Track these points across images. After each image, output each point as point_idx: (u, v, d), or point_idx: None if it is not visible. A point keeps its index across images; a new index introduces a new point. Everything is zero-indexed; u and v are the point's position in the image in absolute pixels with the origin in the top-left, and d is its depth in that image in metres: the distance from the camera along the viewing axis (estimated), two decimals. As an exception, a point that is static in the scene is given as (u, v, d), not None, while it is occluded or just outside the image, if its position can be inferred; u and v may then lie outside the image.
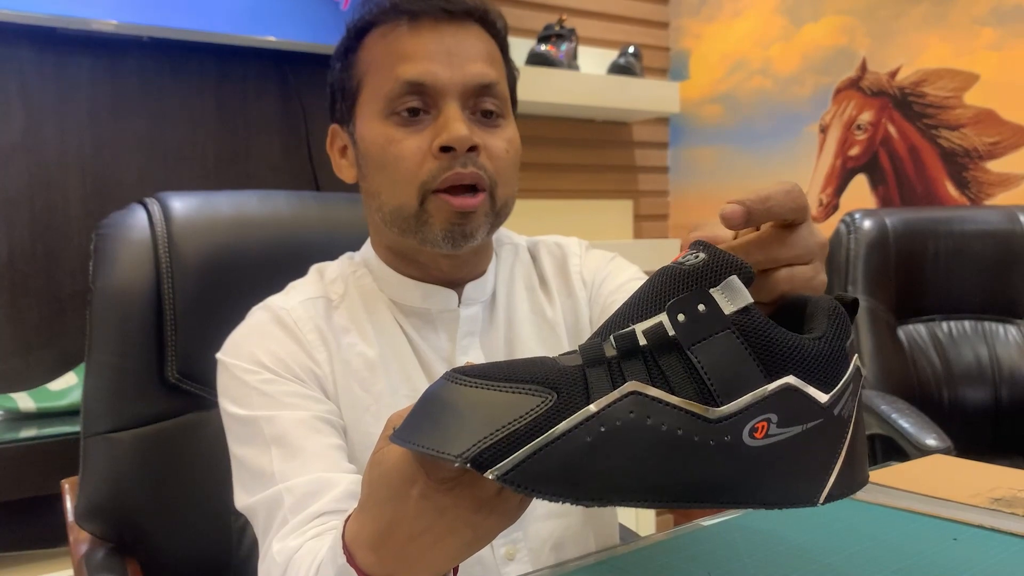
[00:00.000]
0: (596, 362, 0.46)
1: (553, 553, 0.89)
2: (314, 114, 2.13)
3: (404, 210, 0.84)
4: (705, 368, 0.45)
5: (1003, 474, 0.93)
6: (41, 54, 1.82)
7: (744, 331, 0.46)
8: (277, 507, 0.76)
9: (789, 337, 0.47)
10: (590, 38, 2.71)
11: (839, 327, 0.49)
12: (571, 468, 0.44)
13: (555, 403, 0.45)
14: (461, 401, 0.45)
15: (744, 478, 0.46)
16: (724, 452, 0.45)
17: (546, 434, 0.44)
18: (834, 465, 0.49)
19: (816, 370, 0.47)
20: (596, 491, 0.44)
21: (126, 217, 1.07)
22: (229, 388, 0.85)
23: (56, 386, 1.70)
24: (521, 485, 0.43)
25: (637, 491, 0.45)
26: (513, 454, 0.43)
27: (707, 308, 0.46)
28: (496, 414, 0.44)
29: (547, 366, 0.47)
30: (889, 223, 1.99)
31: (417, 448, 0.45)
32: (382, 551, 0.54)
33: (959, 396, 1.97)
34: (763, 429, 0.45)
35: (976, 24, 2.18)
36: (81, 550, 1.04)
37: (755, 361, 0.46)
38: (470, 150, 0.82)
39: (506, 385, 0.45)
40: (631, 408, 0.44)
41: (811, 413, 0.47)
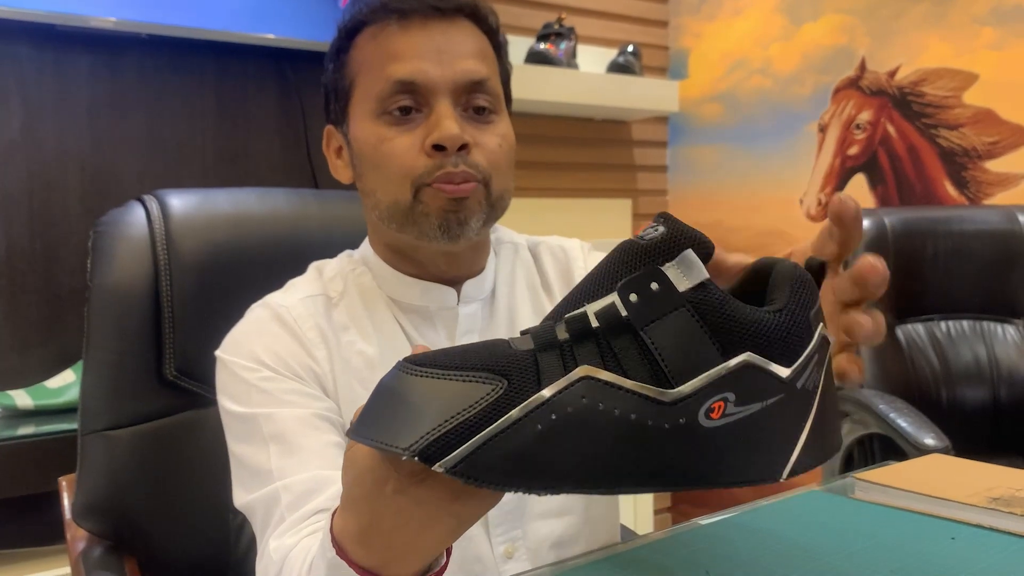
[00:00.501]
0: (548, 346, 0.45)
1: (552, 552, 0.89)
2: (313, 112, 2.13)
3: (399, 205, 0.84)
4: (659, 349, 0.44)
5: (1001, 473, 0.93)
6: (40, 51, 1.81)
7: (699, 308, 0.44)
8: (275, 505, 0.76)
9: (747, 312, 0.45)
10: (589, 36, 2.71)
11: (802, 296, 0.47)
12: (521, 458, 0.43)
13: (505, 390, 0.43)
14: (412, 392, 0.44)
15: (702, 460, 0.45)
16: (680, 435, 0.44)
17: (495, 424, 0.42)
18: (798, 439, 0.47)
19: (776, 345, 0.45)
20: (548, 480, 0.43)
21: (124, 214, 1.07)
22: (228, 385, 0.85)
23: (54, 383, 1.70)
24: (470, 477, 0.42)
25: (591, 479, 0.44)
26: (461, 446, 0.42)
27: (660, 286, 0.44)
28: (446, 404, 0.43)
29: (499, 351, 0.45)
30: (888, 222, 1.99)
31: (369, 442, 0.44)
32: (369, 544, 0.54)
33: (958, 396, 1.97)
34: (720, 409, 0.44)
35: (976, 24, 2.18)
36: (78, 548, 1.04)
37: (711, 339, 0.44)
38: (461, 148, 0.82)
39: (456, 373, 0.44)
40: (583, 393, 0.43)
41: (771, 389, 0.45)
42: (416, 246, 0.87)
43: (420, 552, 0.54)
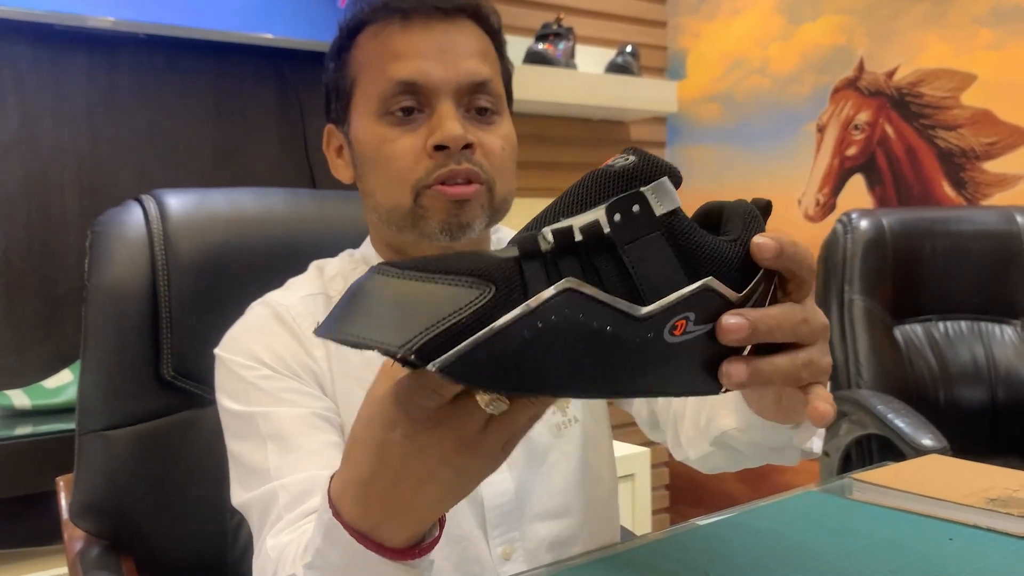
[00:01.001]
0: (531, 255, 0.47)
1: (550, 553, 0.89)
2: (311, 112, 2.13)
3: (399, 209, 0.83)
4: (635, 268, 0.47)
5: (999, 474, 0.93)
6: (37, 50, 1.81)
7: (672, 233, 0.48)
8: (272, 504, 0.76)
9: (710, 240, 0.49)
10: (588, 37, 2.71)
11: (753, 230, 0.52)
12: (510, 361, 0.44)
13: (494, 296, 0.44)
14: (396, 292, 0.44)
15: (659, 371, 0.49)
16: (646, 348, 0.47)
17: (487, 328, 0.43)
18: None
19: (731, 271, 0.50)
20: (532, 383, 0.45)
21: (122, 214, 1.07)
22: (226, 383, 0.85)
23: (51, 383, 1.70)
24: (462, 377, 0.43)
25: (568, 384, 0.47)
26: (455, 347, 0.43)
27: (640, 209, 0.48)
28: (436, 305, 0.43)
29: (483, 258, 0.46)
30: (886, 223, 1.99)
31: (348, 339, 0.44)
32: (366, 502, 0.55)
33: (955, 396, 1.97)
34: (682, 327, 0.48)
35: (975, 24, 2.18)
36: (76, 547, 1.04)
37: (679, 262, 0.48)
38: (464, 148, 0.82)
39: (442, 277, 0.44)
40: (566, 305, 0.45)
41: (723, 310, 0.50)
42: (416, 246, 0.87)
43: (415, 512, 0.55)
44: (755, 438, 0.78)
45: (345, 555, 0.57)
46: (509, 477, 0.88)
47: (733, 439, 0.81)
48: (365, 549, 0.55)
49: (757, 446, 0.79)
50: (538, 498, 0.89)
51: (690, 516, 0.86)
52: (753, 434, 0.77)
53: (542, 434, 0.91)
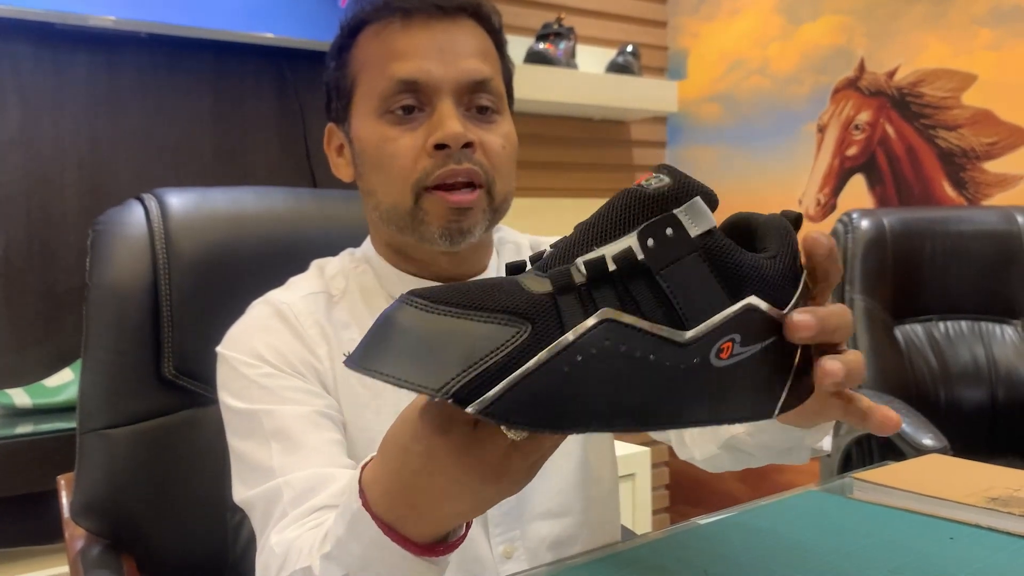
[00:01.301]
0: (566, 289, 0.46)
1: (551, 552, 0.89)
2: (311, 111, 2.13)
3: (399, 208, 0.84)
4: (674, 292, 0.46)
5: (999, 474, 0.93)
6: (38, 50, 1.81)
7: (709, 254, 0.47)
8: (276, 500, 0.76)
9: (749, 258, 0.48)
10: (588, 37, 2.71)
11: (790, 245, 0.50)
12: (550, 398, 0.43)
13: (531, 334, 0.44)
14: (428, 328, 0.44)
15: (711, 397, 0.47)
16: (694, 374, 0.46)
17: (525, 366, 0.43)
18: (787, 379, 0.51)
19: (773, 289, 0.48)
20: (574, 419, 0.44)
21: (123, 213, 1.07)
22: (229, 381, 0.85)
23: (52, 382, 1.70)
24: (502, 418, 0.43)
25: (613, 416, 0.45)
26: (493, 388, 0.42)
27: (675, 232, 0.46)
28: (472, 345, 0.43)
29: (516, 294, 0.45)
30: (886, 223, 1.99)
31: (381, 376, 0.43)
32: (393, 497, 0.55)
33: (956, 396, 1.97)
34: (728, 349, 0.47)
35: (975, 24, 2.18)
36: (77, 546, 1.04)
37: (720, 283, 0.47)
38: (465, 147, 0.82)
39: (476, 314, 0.44)
40: (606, 336, 0.44)
41: (769, 330, 0.48)
42: (416, 246, 0.87)
43: (439, 518, 0.55)
44: (765, 440, 0.78)
45: (369, 547, 0.57)
46: (510, 476, 0.88)
47: (742, 442, 0.81)
48: (390, 541, 0.56)
49: (767, 448, 0.79)
50: (539, 497, 0.89)
51: (690, 516, 0.86)
52: (763, 436, 0.77)
53: (543, 434, 0.91)
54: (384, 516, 0.56)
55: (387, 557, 0.56)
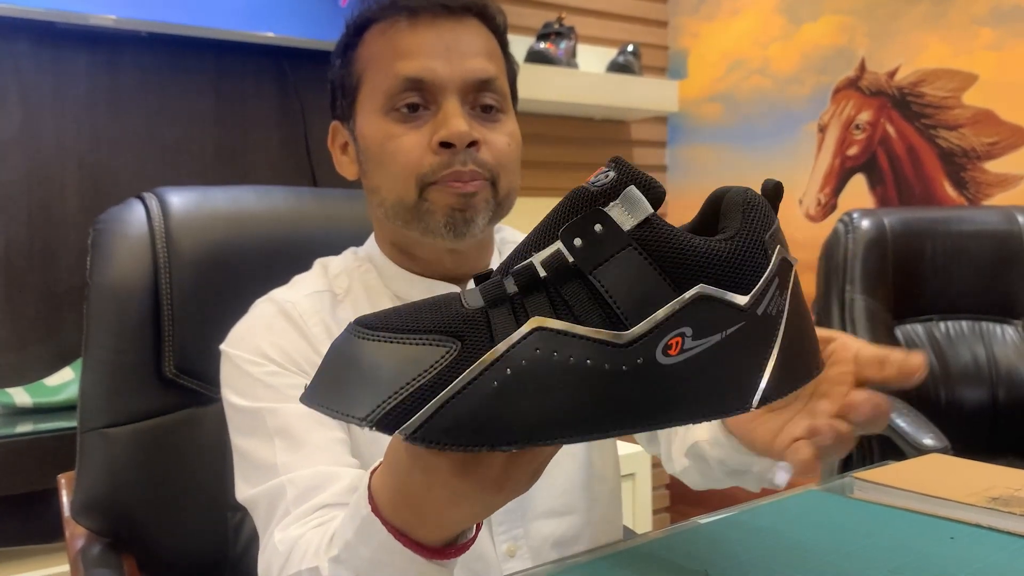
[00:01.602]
0: (498, 301, 0.45)
1: (554, 551, 0.89)
2: (312, 110, 2.13)
3: (404, 202, 0.84)
4: (609, 291, 0.43)
5: (1000, 473, 0.93)
6: (39, 48, 1.81)
7: (646, 245, 0.44)
8: (279, 498, 0.76)
9: (696, 243, 0.44)
10: (589, 36, 2.71)
11: (753, 221, 0.46)
12: (481, 416, 0.42)
13: (459, 352, 0.43)
14: (364, 356, 0.44)
15: (666, 398, 0.44)
16: (638, 376, 0.43)
17: (451, 386, 0.42)
18: (764, 366, 0.46)
19: (730, 273, 0.45)
20: (510, 435, 0.43)
21: (123, 212, 1.07)
22: (233, 379, 0.85)
23: (52, 381, 1.70)
24: (431, 441, 0.42)
25: (554, 428, 0.43)
26: (418, 412, 0.42)
27: (604, 228, 0.44)
28: (399, 370, 0.43)
29: (451, 311, 0.45)
30: (887, 223, 1.99)
31: (324, 410, 0.44)
32: (400, 505, 0.56)
33: (956, 396, 1.97)
34: (677, 345, 0.43)
35: (975, 24, 2.18)
36: (77, 545, 1.04)
37: (661, 275, 0.43)
38: (470, 145, 0.82)
39: (409, 337, 0.43)
40: (536, 345, 0.42)
41: (730, 319, 0.45)
42: (421, 243, 0.87)
43: (446, 522, 0.56)
44: (720, 455, 0.77)
45: (378, 551, 0.57)
46: (512, 475, 0.88)
47: (703, 451, 0.80)
48: (401, 546, 0.56)
49: (723, 464, 0.78)
50: (542, 496, 0.90)
51: (690, 515, 0.85)
52: (719, 450, 0.76)
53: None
54: (392, 521, 0.56)
55: (397, 561, 0.57)
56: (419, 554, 0.56)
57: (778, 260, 0.47)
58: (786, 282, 0.48)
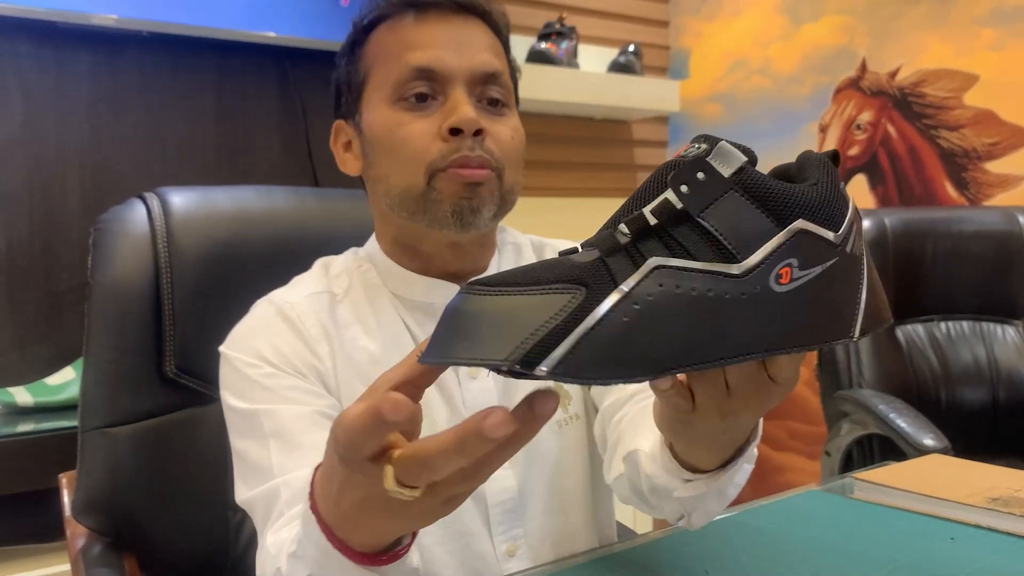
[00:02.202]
0: (613, 251, 0.47)
1: (553, 550, 0.89)
2: (314, 110, 2.13)
3: (412, 190, 0.84)
4: (719, 229, 0.47)
5: (1000, 474, 0.93)
6: (40, 48, 1.81)
7: (746, 188, 0.48)
8: (274, 501, 0.76)
9: (789, 187, 0.49)
10: (590, 36, 2.71)
11: (831, 173, 0.51)
12: (614, 349, 0.44)
13: (586, 295, 0.45)
14: (488, 309, 0.45)
15: (781, 323, 0.48)
16: (757, 302, 0.47)
17: (583, 323, 0.44)
18: (859, 300, 0.51)
19: (821, 212, 0.49)
20: (643, 365, 0.45)
21: (125, 212, 1.07)
22: (231, 381, 0.85)
23: (54, 381, 1.70)
24: (572, 375, 0.44)
25: (682, 355, 0.46)
26: (555, 350, 0.43)
27: (706, 175, 0.48)
28: (530, 316, 0.44)
29: (568, 264, 0.47)
30: (888, 223, 1.99)
31: (454, 361, 0.44)
32: (331, 502, 0.55)
33: (957, 396, 1.97)
34: (787, 274, 0.47)
35: (976, 24, 2.18)
36: (78, 544, 1.04)
37: (764, 213, 0.48)
38: (476, 134, 0.83)
39: (532, 288, 0.45)
40: (659, 281, 0.45)
41: (827, 253, 0.49)
42: (423, 237, 0.87)
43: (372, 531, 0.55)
44: (650, 469, 0.74)
45: (319, 550, 0.57)
46: (512, 474, 0.88)
47: (638, 460, 0.77)
48: (333, 548, 0.56)
49: (648, 478, 0.75)
50: (541, 495, 0.90)
51: (692, 515, 0.85)
52: (651, 465, 0.74)
53: (544, 432, 0.91)
54: (328, 521, 0.56)
55: (334, 563, 0.56)
56: (350, 558, 0.56)
57: (853, 208, 0.52)
58: (859, 229, 0.52)
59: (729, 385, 0.55)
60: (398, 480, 0.46)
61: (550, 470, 0.91)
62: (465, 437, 0.43)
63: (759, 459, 0.72)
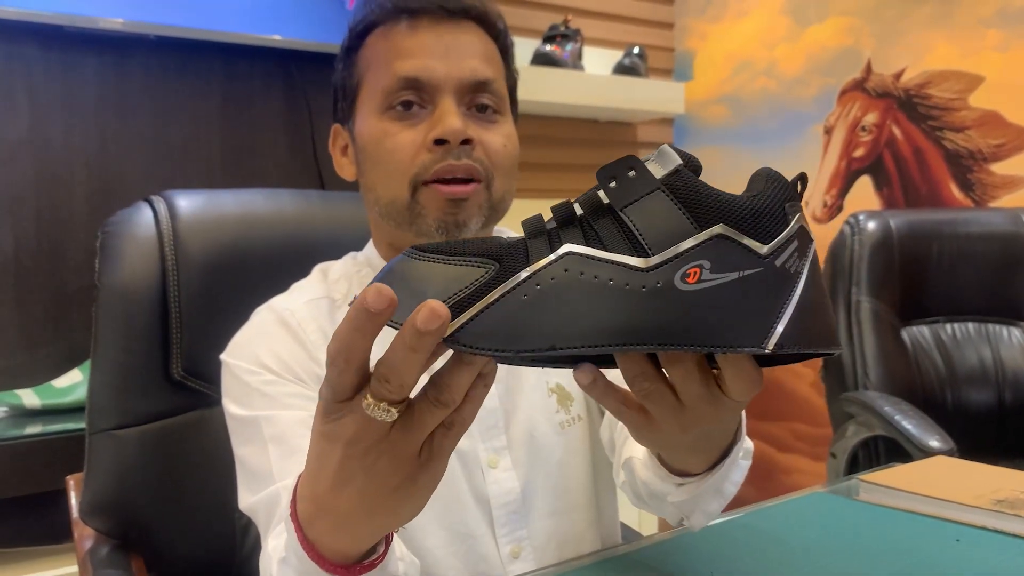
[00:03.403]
0: (536, 233, 0.50)
1: (557, 551, 0.90)
2: (320, 113, 2.14)
3: (397, 203, 0.84)
4: (637, 225, 0.49)
5: (1006, 476, 0.93)
6: (47, 52, 1.82)
7: (674, 189, 0.49)
8: (275, 506, 0.76)
9: (720, 193, 0.50)
10: (595, 38, 2.71)
11: (776, 187, 0.51)
12: (507, 324, 0.47)
13: (497, 271, 0.48)
14: (414, 274, 0.49)
15: (680, 319, 0.48)
16: (657, 296, 0.48)
17: (485, 297, 0.47)
18: (780, 313, 0.49)
19: (749, 222, 0.49)
20: (530, 341, 0.48)
21: (132, 215, 1.08)
22: (232, 389, 0.86)
23: (61, 383, 1.71)
24: (466, 344, 0.47)
25: (574, 337, 0.48)
26: (457, 318, 0.47)
27: (637, 172, 0.50)
28: (445, 285, 0.48)
29: (494, 242, 0.50)
30: (893, 225, 1.99)
31: None
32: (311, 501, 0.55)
33: (962, 398, 1.97)
34: (695, 274, 0.48)
35: (982, 25, 2.18)
36: (86, 546, 1.04)
37: (685, 215, 0.49)
38: (464, 143, 0.82)
39: (455, 259, 0.49)
40: (566, 266, 0.48)
41: (749, 261, 0.49)
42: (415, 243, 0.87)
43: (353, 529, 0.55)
44: (644, 476, 0.75)
45: (298, 559, 0.57)
46: (515, 476, 0.89)
47: (634, 467, 0.78)
48: (306, 556, 0.56)
49: (645, 484, 0.75)
50: (544, 496, 0.90)
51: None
52: (645, 471, 0.74)
53: (547, 433, 0.91)
54: (307, 532, 0.56)
55: (310, 571, 0.57)
56: (326, 570, 0.56)
57: (799, 228, 0.51)
58: (805, 250, 0.51)
59: (681, 399, 0.54)
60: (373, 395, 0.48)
61: (553, 471, 0.91)
62: (405, 331, 0.46)
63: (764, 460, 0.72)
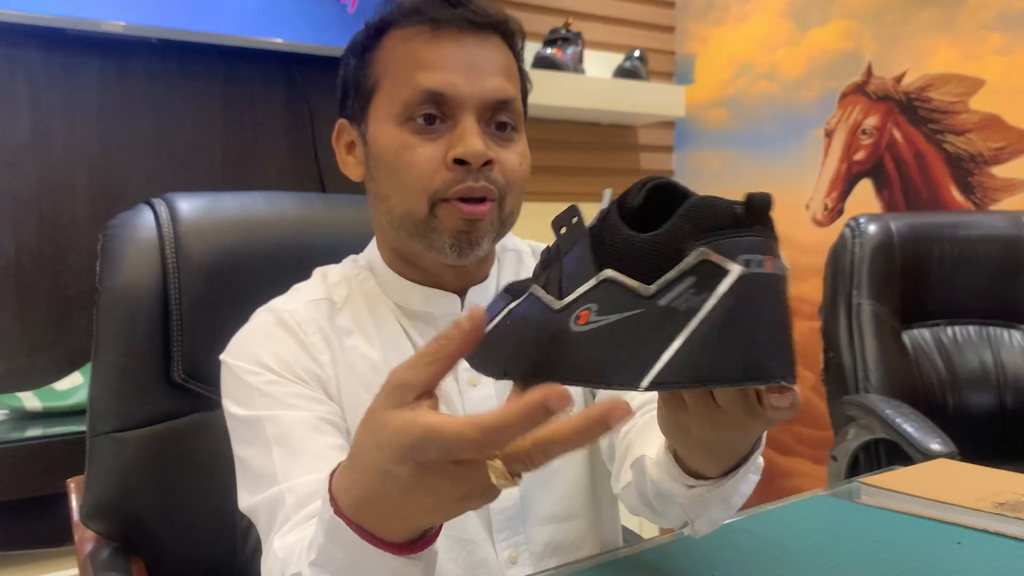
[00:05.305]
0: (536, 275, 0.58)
1: (555, 556, 0.89)
2: (321, 116, 2.14)
3: (414, 215, 0.84)
4: (563, 270, 0.54)
5: (1007, 479, 0.93)
6: (49, 55, 1.83)
7: (594, 236, 0.53)
8: (279, 506, 0.76)
9: (622, 235, 0.52)
10: (596, 42, 2.72)
11: (682, 222, 0.48)
12: (486, 351, 0.56)
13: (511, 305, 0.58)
14: None
15: (569, 358, 0.53)
16: (558, 336, 0.53)
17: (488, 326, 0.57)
18: (662, 352, 0.48)
19: (638, 263, 0.50)
20: (492, 368, 0.57)
21: (133, 218, 1.08)
22: (232, 389, 0.86)
23: (62, 386, 1.71)
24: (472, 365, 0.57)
25: (513, 366, 0.56)
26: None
27: (576, 221, 0.55)
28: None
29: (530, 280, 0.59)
30: (894, 228, 1.99)
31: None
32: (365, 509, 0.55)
33: (964, 401, 1.97)
34: (585, 317, 0.52)
35: (983, 29, 2.18)
36: (86, 549, 1.04)
37: (593, 260, 0.53)
38: (484, 165, 0.82)
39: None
40: (525, 304, 0.57)
41: (630, 303, 0.50)
42: (422, 255, 0.87)
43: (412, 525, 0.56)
44: (655, 475, 0.74)
45: (350, 551, 0.57)
46: (514, 481, 0.88)
47: (645, 466, 0.77)
48: (369, 544, 0.56)
49: (654, 483, 0.74)
50: (543, 502, 0.90)
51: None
52: (656, 470, 0.74)
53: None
54: (357, 520, 0.56)
55: (370, 559, 0.57)
56: (388, 551, 0.56)
57: (699, 262, 0.48)
58: (709, 284, 0.48)
59: (716, 399, 0.54)
60: (510, 470, 0.48)
61: (551, 477, 0.91)
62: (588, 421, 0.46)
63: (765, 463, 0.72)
